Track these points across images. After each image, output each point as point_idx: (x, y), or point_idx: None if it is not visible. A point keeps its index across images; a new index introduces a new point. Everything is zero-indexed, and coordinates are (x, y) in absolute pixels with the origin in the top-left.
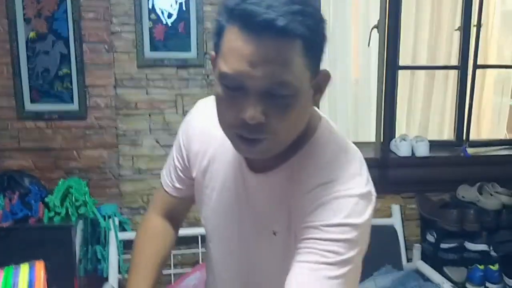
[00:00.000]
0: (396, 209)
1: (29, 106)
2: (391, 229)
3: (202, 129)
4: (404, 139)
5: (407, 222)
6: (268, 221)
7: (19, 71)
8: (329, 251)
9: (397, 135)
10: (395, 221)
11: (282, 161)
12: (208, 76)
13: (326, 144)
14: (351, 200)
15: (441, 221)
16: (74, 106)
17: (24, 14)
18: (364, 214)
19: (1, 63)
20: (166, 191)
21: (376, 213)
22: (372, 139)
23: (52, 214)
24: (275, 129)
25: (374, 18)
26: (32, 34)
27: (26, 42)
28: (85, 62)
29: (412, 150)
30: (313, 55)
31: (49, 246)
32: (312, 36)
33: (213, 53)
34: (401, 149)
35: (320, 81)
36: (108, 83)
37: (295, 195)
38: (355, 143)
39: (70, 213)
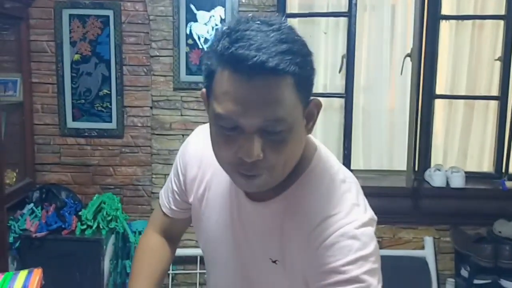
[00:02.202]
0: (429, 241)
1: (70, 124)
2: (422, 262)
3: (199, 155)
4: (439, 169)
5: (441, 255)
6: (264, 249)
7: (63, 90)
8: None
9: (432, 164)
10: (428, 253)
11: (279, 191)
12: None
13: (322, 175)
14: (357, 232)
15: (476, 256)
16: (112, 125)
17: (70, 38)
18: (373, 240)
19: (47, 82)
20: (163, 211)
21: (408, 244)
22: None
23: (84, 227)
24: (272, 164)
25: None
26: (76, 57)
27: (71, 64)
28: (124, 84)
29: (448, 181)
30: (304, 88)
31: (79, 257)
32: (302, 72)
33: (204, 90)
34: (435, 179)
35: (312, 110)
36: (145, 104)
37: (290, 228)
38: (387, 171)
39: (101, 227)
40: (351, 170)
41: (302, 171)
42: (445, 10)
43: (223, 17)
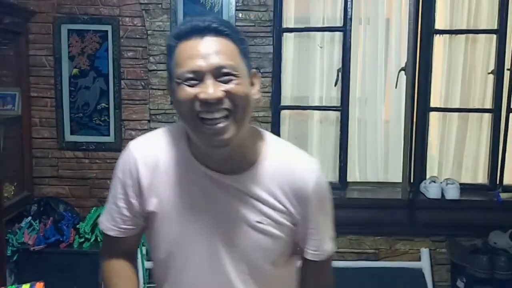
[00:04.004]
0: (425, 252)
1: (68, 137)
2: (419, 273)
3: (148, 161)
4: (434, 181)
5: (437, 266)
6: (246, 215)
7: (62, 104)
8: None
9: (428, 176)
10: (424, 265)
11: (248, 166)
12: None
13: (278, 146)
14: (322, 176)
15: (472, 267)
16: (110, 138)
17: (69, 52)
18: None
19: (45, 96)
20: (112, 236)
21: (404, 256)
22: None
23: (82, 240)
24: (230, 107)
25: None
26: (75, 71)
27: (69, 78)
28: (122, 98)
29: (443, 193)
30: (244, 55)
31: (77, 270)
32: (236, 33)
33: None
34: (431, 191)
35: (253, 78)
36: (143, 117)
37: (269, 190)
38: (383, 183)
39: (99, 240)
40: (347, 182)
41: (262, 149)
42: (439, 24)
43: None
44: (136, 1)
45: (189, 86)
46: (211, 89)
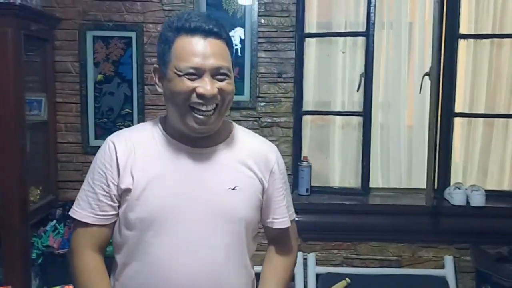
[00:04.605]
0: (449, 260)
1: (93, 142)
2: (443, 281)
3: (124, 145)
4: (459, 188)
5: (461, 274)
6: (223, 182)
7: (86, 109)
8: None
9: (452, 183)
10: (448, 272)
11: (220, 140)
12: (259, 118)
13: (245, 129)
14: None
15: (497, 276)
16: None
17: (94, 58)
18: None
19: (70, 102)
20: (86, 224)
21: (428, 263)
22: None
23: None
24: (220, 103)
25: (430, 64)
26: (100, 77)
27: (94, 84)
28: (145, 103)
29: (468, 200)
30: (231, 52)
31: None
32: (229, 38)
33: (155, 65)
34: (455, 197)
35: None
36: None
37: (240, 160)
38: (406, 189)
39: None
40: (370, 188)
41: (231, 130)
42: (464, 29)
43: (242, 38)
44: (160, 8)
45: (189, 79)
46: (209, 86)
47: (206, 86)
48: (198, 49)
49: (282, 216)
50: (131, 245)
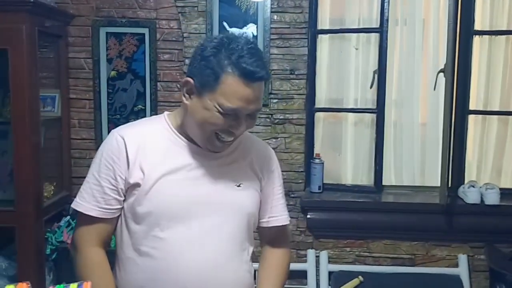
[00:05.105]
0: (463, 259)
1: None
2: (456, 280)
3: (134, 139)
4: (473, 186)
5: (475, 273)
6: (229, 180)
7: (100, 106)
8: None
9: (466, 181)
10: (462, 271)
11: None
12: (272, 115)
13: (246, 131)
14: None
15: (511, 275)
16: None
17: (107, 55)
18: None
19: (84, 98)
20: (91, 217)
21: (442, 262)
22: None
23: None
24: (242, 134)
25: (444, 61)
26: (113, 73)
27: (107, 80)
28: (158, 99)
29: (482, 198)
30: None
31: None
32: (269, 76)
33: (189, 79)
34: (470, 196)
35: None
36: None
37: (246, 163)
38: (419, 187)
39: None
40: (383, 186)
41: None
42: (478, 25)
43: (255, 34)
44: (173, 4)
45: (226, 116)
46: (243, 128)
47: (240, 127)
48: (246, 94)
49: (281, 213)
50: (138, 239)
